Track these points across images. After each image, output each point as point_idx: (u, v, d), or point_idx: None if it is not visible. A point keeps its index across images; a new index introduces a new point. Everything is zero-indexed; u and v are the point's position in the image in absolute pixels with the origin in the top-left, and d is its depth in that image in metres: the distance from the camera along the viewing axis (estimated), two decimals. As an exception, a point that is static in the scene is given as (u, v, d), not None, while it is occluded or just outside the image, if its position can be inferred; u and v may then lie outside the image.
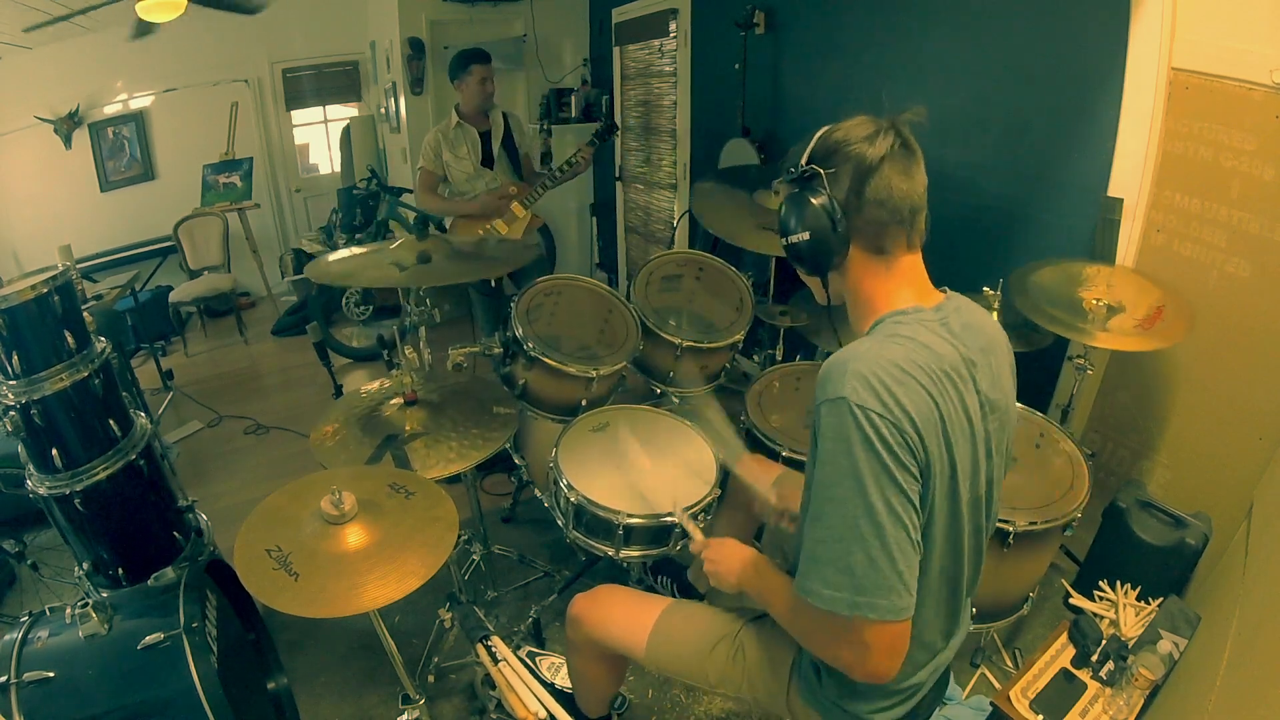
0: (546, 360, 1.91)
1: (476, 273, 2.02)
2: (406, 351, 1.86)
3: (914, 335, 0.89)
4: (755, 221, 2.35)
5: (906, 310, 0.93)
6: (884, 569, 0.83)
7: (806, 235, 0.94)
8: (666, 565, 1.96)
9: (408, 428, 1.72)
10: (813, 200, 0.92)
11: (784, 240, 0.98)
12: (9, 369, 1.53)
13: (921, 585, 0.96)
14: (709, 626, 1.24)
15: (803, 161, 0.95)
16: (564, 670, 1.69)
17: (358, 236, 4.53)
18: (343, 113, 5.58)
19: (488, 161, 2.98)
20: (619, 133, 4.39)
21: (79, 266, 3.49)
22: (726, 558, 1.17)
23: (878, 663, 0.88)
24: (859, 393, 0.83)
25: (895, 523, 0.83)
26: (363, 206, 4.64)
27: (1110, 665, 1.45)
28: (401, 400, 1.77)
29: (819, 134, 0.96)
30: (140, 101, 4.90)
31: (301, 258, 4.84)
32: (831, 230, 0.92)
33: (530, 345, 1.92)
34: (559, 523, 1.73)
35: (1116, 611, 1.64)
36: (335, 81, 5.44)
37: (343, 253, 1.95)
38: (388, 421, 1.74)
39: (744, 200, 2.47)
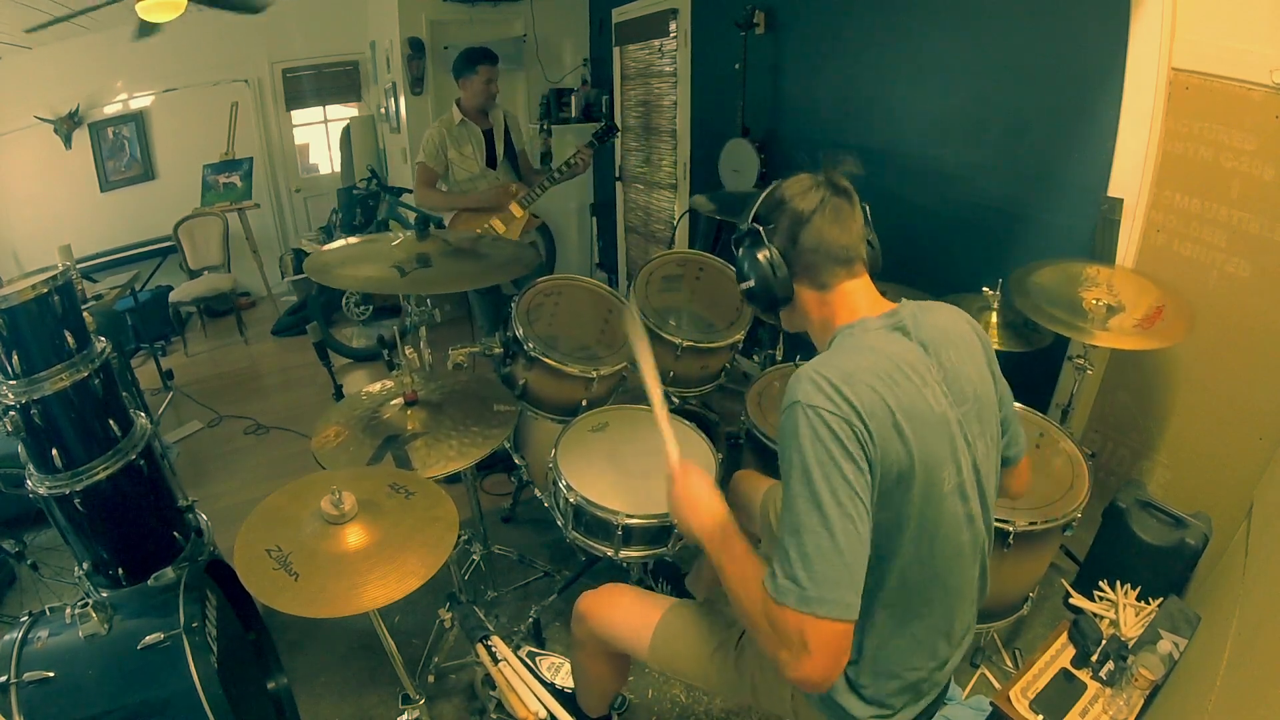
0: (547, 360, 1.91)
1: (478, 280, 2.01)
2: (407, 351, 1.86)
3: (860, 342, 0.98)
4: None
5: (854, 323, 1.02)
6: (833, 561, 0.86)
7: (753, 282, 1.08)
8: (664, 568, 1.96)
9: (409, 427, 1.72)
10: (756, 253, 1.07)
11: (740, 286, 1.11)
12: (9, 369, 1.53)
13: (908, 579, 0.98)
14: (710, 629, 1.24)
15: (750, 219, 1.08)
16: (564, 670, 1.69)
17: (358, 236, 4.53)
18: (343, 113, 5.58)
19: (491, 163, 2.97)
20: (619, 134, 4.38)
21: (79, 266, 3.49)
22: (694, 493, 1.11)
23: (814, 666, 0.86)
24: (809, 394, 0.91)
25: (842, 515, 0.87)
26: (363, 206, 4.64)
27: (1110, 665, 1.45)
28: (402, 400, 1.77)
29: (765, 191, 1.09)
30: (140, 101, 4.90)
31: (301, 258, 4.85)
32: (773, 276, 1.06)
33: (530, 345, 1.92)
34: (559, 523, 1.73)
35: (1116, 611, 1.64)
36: (335, 81, 5.44)
37: (338, 242, 1.95)
38: (388, 422, 1.74)
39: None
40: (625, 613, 1.31)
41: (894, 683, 1.04)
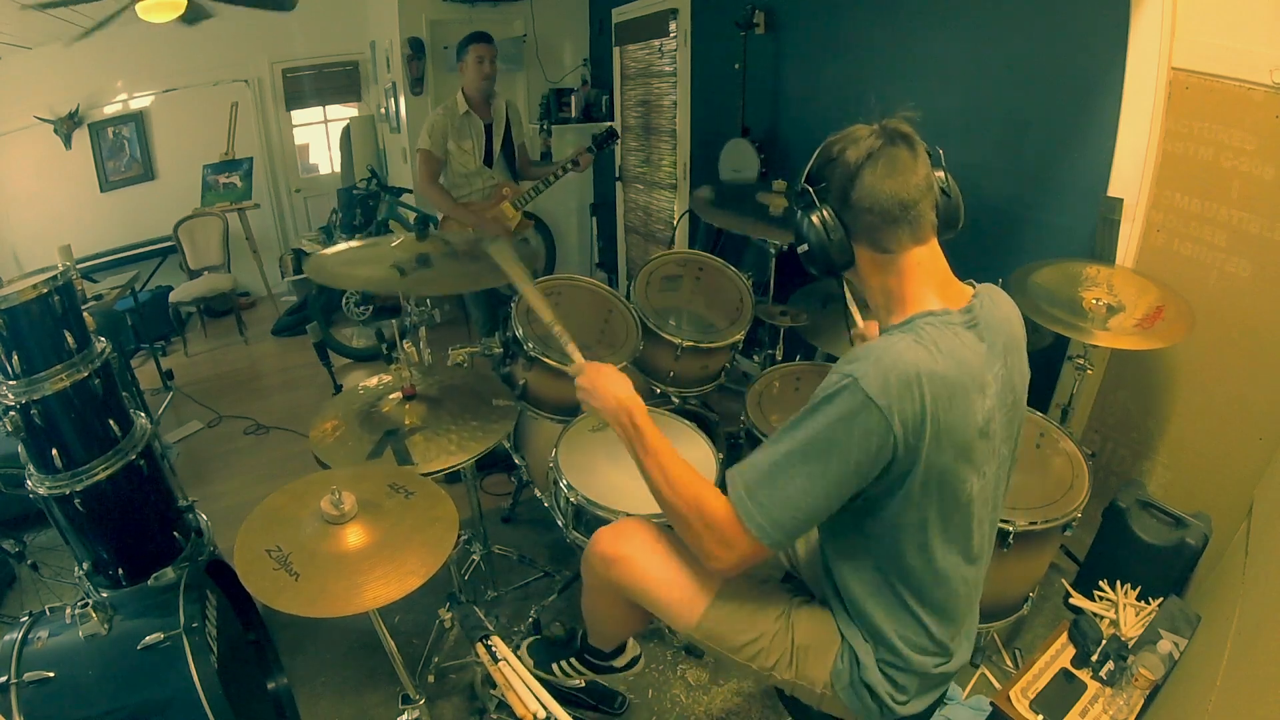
0: (546, 360, 1.91)
1: (479, 282, 2.01)
2: (405, 346, 1.85)
3: (939, 341, 0.93)
4: (756, 219, 2.36)
5: (935, 313, 0.96)
6: (790, 507, 0.94)
7: (807, 246, 1.02)
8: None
9: (407, 422, 1.72)
10: (810, 215, 1.00)
11: (798, 251, 1.06)
12: (9, 369, 1.53)
13: (924, 574, 1.00)
14: (774, 601, 1.18)
15: (803, 180, 1.03)
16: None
17: (358, 236, 4.52)
18: (343, 113, 5.58)
19: (488, 159, 2.97)
20: (619, 141, 4.37)
21: (79, 266, 3.49)
22: (603, 385, 1.17)
23: (733, 566, 1.01)
24: (870, 379, 0.89)
25: (823, 485, 0.93)
26: (363, 206, 4.63)
27: (1110, 665, 1.45)
28: (400, 395, 1.77)
29: (818, 150, 1.03)
30: (140, 101, 4.89)
31: (301, 258, 4.84)
32: (828, 239, 1.00)
33: (530, 345, 1.92)
34: (559, 523, 1.73)
35: (1116, 611, 1.64)
36: (335, 81, 5.43)
37: (340, 246, 1.95)
38: (387, 416, 1.74)
39: (746, 202, 2.48)
40: (669, 571, 1.17)
41: (909, 668, 1.06)
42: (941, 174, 1.01)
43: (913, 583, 1.02)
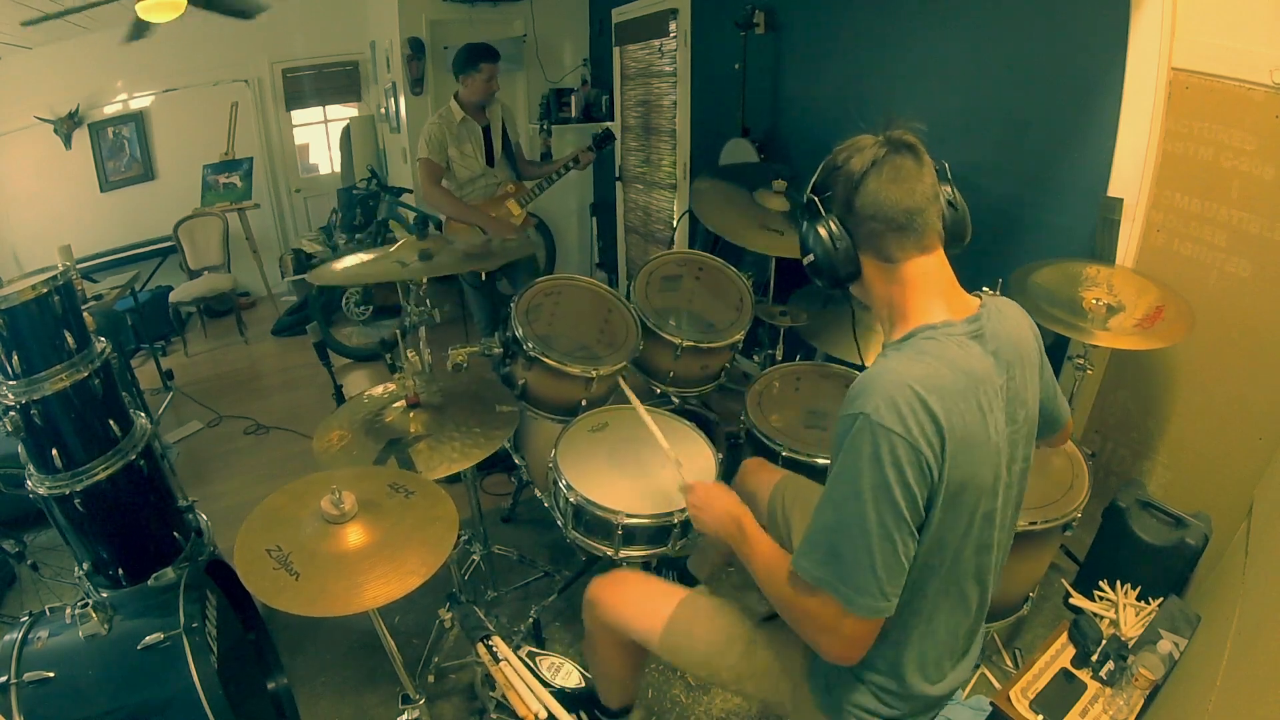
0: (546, 360, 1.91)
1: (473, 264, 2.01)
2: (409, 355, 1.85)
3: (942, 353, 0.91)
4: (756, 221, 2.35)
5: (937, 325, 0.95)
6: (865, 572, 0.88)
7: (812, 257, 1.01)
8: (667, 559, 1.95)
9: (411, 430, 1.72)
10: (815, 225, 1.00)
11: (804, 264, 1.05)
12: (9, 369, 1.53)
13: (930, 601, 0.98)
14: (726, 624, 1.22)
15: (808, 191, 1.01)
16: (564, 670, 1.69)
17: (357, 237, 4.53)
18: (343, 113, 5.58)
19: (490, 160, 2.98)
20: (615, 141, 4.38)
21: (79, 266, 3.48)
22: (712, 502, 1.19)
23: (845, 650, 0.94)
24: (880, 411, 0.86)
25: (884, 538, 0.87)
26: (363, 206, 4.64)
27: (1110, 665, 1.44)
28: (404, 403, 1.77)
29: (824, 161, 1.01)
30: (140, 101, 4.90)
31: (301, 258, 4.84)
32: (833, 249, 0.98)
33: (530, 345, 1.92)
34: (559, 523, 1.73)
35: (1116, 611, 1.64)
36: (335, 81, 5.44)
37: (348, 260, 1.93)
38: (391, 426, 1.73)
39: (745, 199, 2.47)
40: (636, 601, 1.29)
41: (901, 691, 1.05)
42: (948, 188, 1.00)
43: (916, 605, 0.99)
